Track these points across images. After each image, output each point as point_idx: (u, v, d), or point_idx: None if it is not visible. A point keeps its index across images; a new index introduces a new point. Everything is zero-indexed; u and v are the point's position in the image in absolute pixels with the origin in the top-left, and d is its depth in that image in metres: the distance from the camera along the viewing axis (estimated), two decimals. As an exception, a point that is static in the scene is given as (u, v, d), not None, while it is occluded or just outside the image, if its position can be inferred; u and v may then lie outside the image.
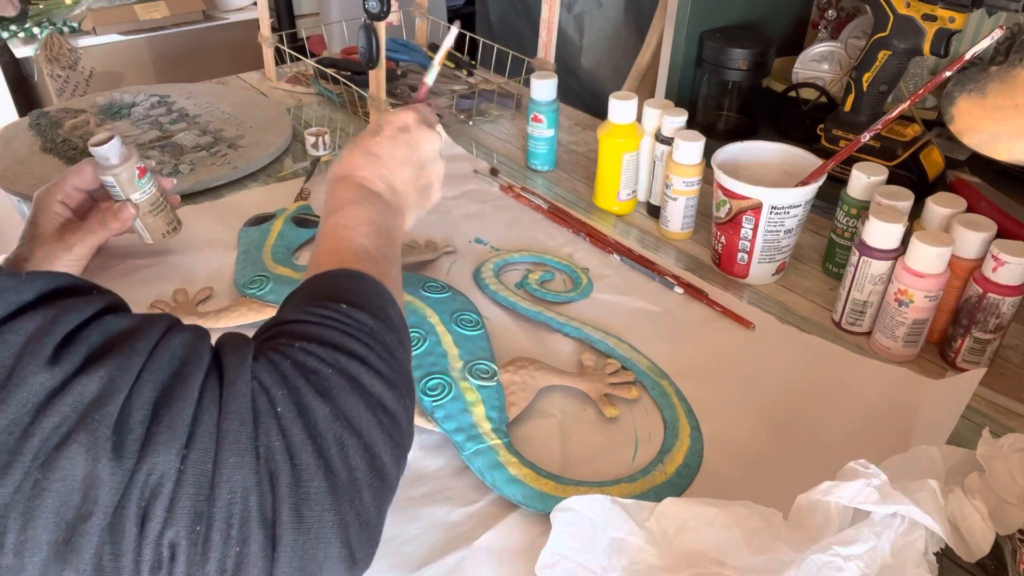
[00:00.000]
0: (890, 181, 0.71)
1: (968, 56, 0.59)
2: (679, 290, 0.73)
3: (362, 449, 0.36)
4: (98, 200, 0.70)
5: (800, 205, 0.71)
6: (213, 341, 0.38)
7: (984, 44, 0.58)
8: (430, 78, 0.67)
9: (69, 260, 0.65)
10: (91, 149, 0.64)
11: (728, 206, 0.73)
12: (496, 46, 1.16)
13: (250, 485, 0.32)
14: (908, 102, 0.64)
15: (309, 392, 0.36)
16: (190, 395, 0.33)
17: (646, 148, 0.85)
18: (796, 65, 1.17)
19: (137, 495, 0.30)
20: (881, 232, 0.63)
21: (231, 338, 0.38)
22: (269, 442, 0.33)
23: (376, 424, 0.37)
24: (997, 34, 0.58)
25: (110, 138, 0.65)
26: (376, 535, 0.36)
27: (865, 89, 0.93)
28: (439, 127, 0.62)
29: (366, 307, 0.41)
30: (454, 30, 0.63)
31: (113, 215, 0.67)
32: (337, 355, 0.38)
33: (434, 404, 0.58)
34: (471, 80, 1.15)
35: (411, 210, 0.58)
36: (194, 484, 0.31)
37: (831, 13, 1.27)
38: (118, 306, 0.36)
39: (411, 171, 0.57)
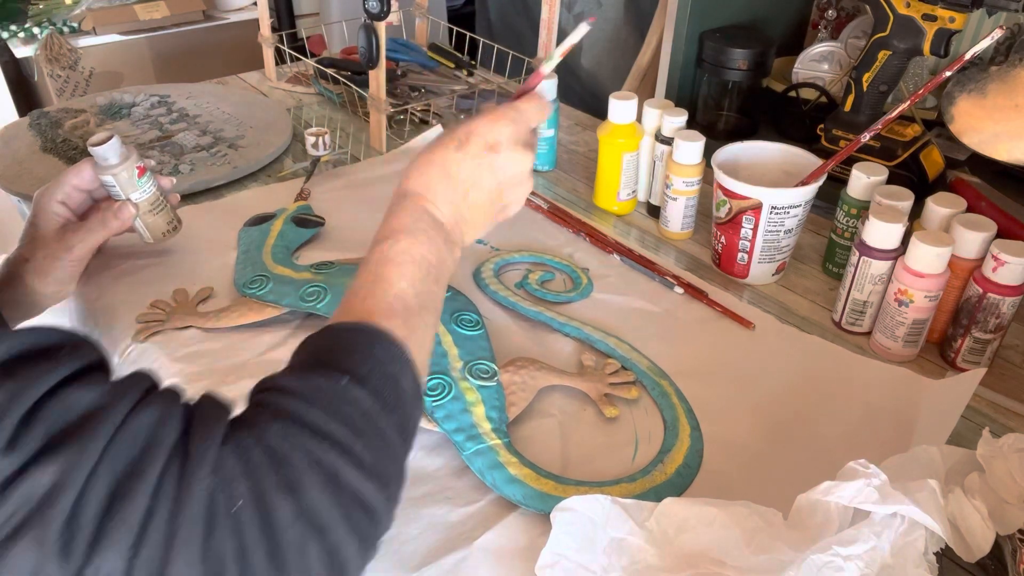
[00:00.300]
0: (890, 181, 0.71)
1: (968, 56, 0.59)
2: (679, 290, 0.73)
3: (324, 552, 0.34)
4: (98, 200, 0.70)
5: (800, 205, 0.71)
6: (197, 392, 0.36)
7: (984, 44, 0.58)
8: (547, 68, 0.59)
9: (70, 260, 0.65)
10: (90, 149, 0.64)
11: (728, 206, 0.73)
12: (496, 46, 1.16)
13: None
14: (908, 102, 0.64)
15: (273, 487, 0.33)
16: (145, 490, 0.31)
17: (646, 148, 0.85)
18: (796, 65, 1.17)
19: None
20: (881, 232, 0.63)
21: (207, 410, 0.36)
22: (221, 545, 0.32)
23: (344, 521, 0.35)
24: (997, 34, 0.58)
25: (109, 138, 0.65)
26: None
27: (865, 89, 0.93)
28: (535, 139, 0.54)
29: (371, 380, 0.39)
30: (584, 27, 0.55)
31: (113, 214, 0.67)
32: (317, 444, 0.35)
33: (434, 404, 0.58)
34: (471, 80, 1.15)
35: (470, 236, 0.52)
36: None
37: (831, 13, 1.27)
38: (88, 367, 0.34)
39: (488, 197, 0.50)
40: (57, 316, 0.73)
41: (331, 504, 0.34)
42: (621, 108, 0.82)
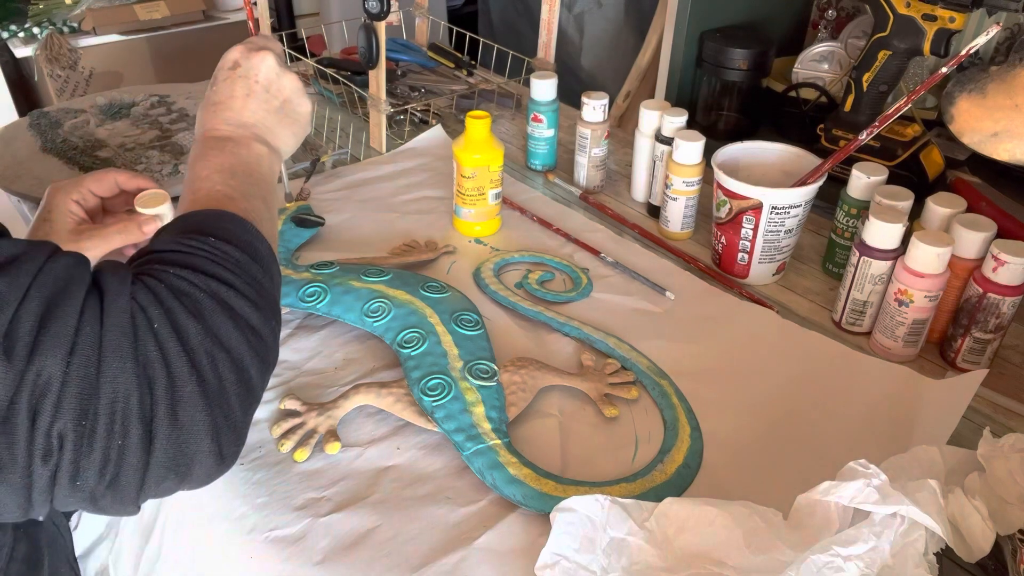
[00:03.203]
0: (890, 181, 0.70)
1: (964, 52, 0.59)
2: (671, 295, 0.73)
3: (231, 362, 0.40)
4: (108, 210, 0.70)
5: (800, 205, 0.71)
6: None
7: (981, 40, 0.58)
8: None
9: None
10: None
11: (728, 206, 0.73)
12: (496, 46, 1.16)
13: (131, 387, 0.36)
14: (906, 100, 0.64)
15: (182, 312, 0.39)
16: (73, 309, 0.36)
17: (646, 148, 0.85)
18: (796, 65, 1.17)
19: (28, 393, 0.34)
20: (881, 232, 0.63)
21: (110, 264, 0.41)
22: (147, 352, 0.37)
23: (244, 341, 0.41)
24: (994, 31, 0.58)
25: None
26: (242, 436, 0.41)
27: (865, 89, 0.93)
28: (272, 42, 0.61)
29: (232, 241, 0.45)
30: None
31: (138, 226, 0.67)
32: (208, 280, 0.41)
33: (434, 404, 0.58)
34: (471, 80, 1.15)
35: (277, 132, 0.58)
36: (79, 385, 0.35)
37: (831, 13, 1.27)
38: (4, 233, 0.40)
39: (257, 100, 0.57)
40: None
41: (231, 327, 0.41)
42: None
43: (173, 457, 0.38)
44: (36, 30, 1.91)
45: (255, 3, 1.20)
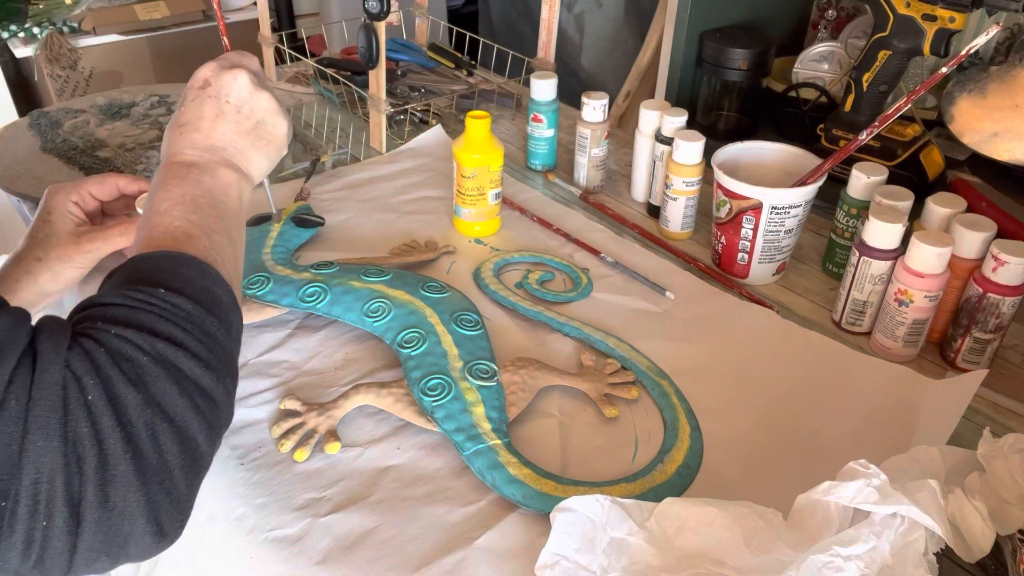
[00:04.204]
0: (890, 181, 0.70)
1: (964, 52, 0.59)
2: (671, 295, 0.73)
3: (174, 433, 0.38)
4: (108, 213, 0.70)
5: (800, 205, 0.71)
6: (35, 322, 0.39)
7: (981, 40, 0.58)
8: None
9: (81, 261, 0.65)
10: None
11: (728, 206, 0.73)
12: (496, 46, 1.16)
13: (57, 467, 0.34)
14: (906, 100, 0.64)
15: (121, 381, 0.37)
16: (0, 381, 0.34)
17: (646, 148, 0.85)
18: (796, 65, 1.17)
19: None
20: (881, 232, 0.63)
21: (49, 323, 0.39)
22: (77, 428, 0.35)
23: (191, 408, 0.39)
24: (994, 30, 0.58)
25: None
26: (187, 509, 0.39)
27: (865, 89, 0.93)
28: (247, 59, 0.57)
29: (185, 290, 0.42)
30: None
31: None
32: (153, 341, 0.39)
33: (434, 404, 0.58)
34: (471, 80, 1.15)
35: (249, 155, 0.55)
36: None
37: (831, 13, 1.27)
38: None
39: (228, 121, 0.54)
40: (54, 313, 0.73)
41: (176, 393, 0.38)
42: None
43: (104, 540, 0.36)
44: (36, 30, 1.91)
45: (255, 3, 1.20)
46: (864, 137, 0.68)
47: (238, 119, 0.55)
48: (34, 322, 0.39)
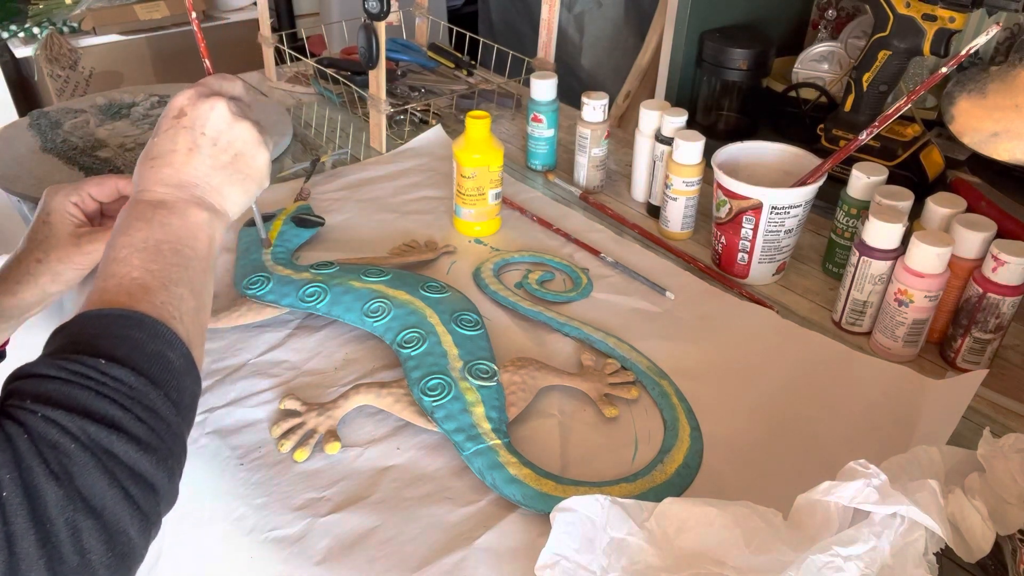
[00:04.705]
0: (890, 181, 0.70)
1: (964, 52, 0.59)
2: (671, 295, 0.73)
3: (99, 530, 0.34)
4: (107, 215, 0.70)
5: (800, 205, 0.71)
6: None
7: (981, 40, 0.58)
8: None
9: (81, 262, 0.65)
10: None
11: (728, 206, 0.73)
12: (496, 46, 1.16)
13: None
14: (906, 100, 0.64)
15: (42, 474, 0.34)
16: None
17: (646, 148, 0.85)
18: (796, 65, 1.17)
19: None
20: (881, 232, 0.63)
21: None
22: None
23: (121, 499, 0.35)
24: (994, 30, 0.58)
25: None
26: None
27: (865, 89, 0.93)
28: (229, 84, 0.55)
29: (130, 360, 0.39)
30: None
31: None
32: (84, 423, 0.36)
33: (434, 404, 0.58)
34: (471, 80, 1.15)
35: (224, 191, 0.52)
36: None
37: (831, 13, 1.27)
38: None
39: (202, 155, 0.51)
40: (54, 313, 0.73)
41: (106, 484, 0.35)
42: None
43: None
44: (36, 30, 1.91)
45: (255, 3, 1.20)
46: (864, 137, 0.68)
47: (213, 152, 0.52)
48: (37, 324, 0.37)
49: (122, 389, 0.38)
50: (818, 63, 1.16)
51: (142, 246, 0.46)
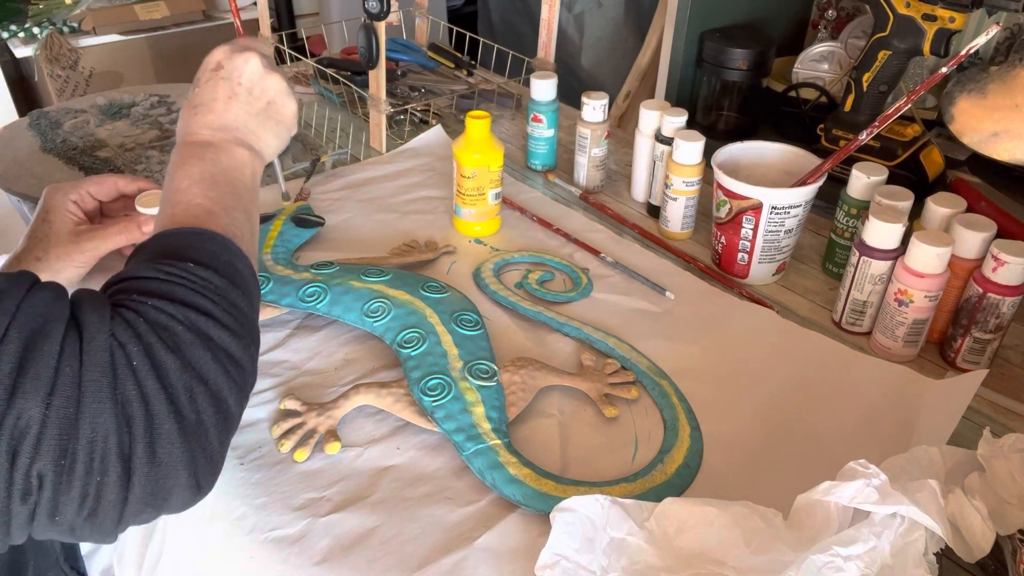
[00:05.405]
0: (890, 181, 0.70)
1: (964, 52, 0.59)
2: (671, 295, 0.73)
3: (209, 395, 0.40)
4: (106, 214, 0.70)
5: (800, 205, 0.71)
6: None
7: (981, 40, 0.58)
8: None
9: (81, 260, 0.65)
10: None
11: (728, 206, 0.73)
12: (496, 46, 1.16)
13: (110, 427, 0.37)
14: (906, 100, 0.64)
15: (161, 348, 0.39)
16: (52, 349, 0.37)
17: (646, 148, 0.85)
18: (796, 65, 1.17)
19: (7, 435, 0.35)
20: (881, 232, 0.63)
21: (88, 295, 0.41)
22: (126, 391, 0.38)
23: (222, 372, 0.41)
24: (994, 31, 0.58)
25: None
26: (219, 465, 0.42)
27: (865, 89, 0.93)
28: (259, 43, 0.60)
29: (211, 264, 0.44)
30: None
31: (138, 226, 0.67)
32: (187, 311, 0.41)
33: (434, 404, 0.58)
34: (471, 80, 1.15)
35: (261, 135, 0.57)
36: (58, 426, 0.36)
37: (831, 13, 1.27)
38: None
39: (240, 102, 0.56)
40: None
41: (209, 359, 0.41)
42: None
43: (151, 492, 0.38)
44: (36, 30, 1.91)
45: (255, 3, 1.20)
46: (864, 137, 0.68)
47: (250, 100, 0.57)
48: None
49: (210, 287, 0.43)
50: (818, 63, 1.16)
51: (199, 178, 0.51)
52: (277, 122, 0.59)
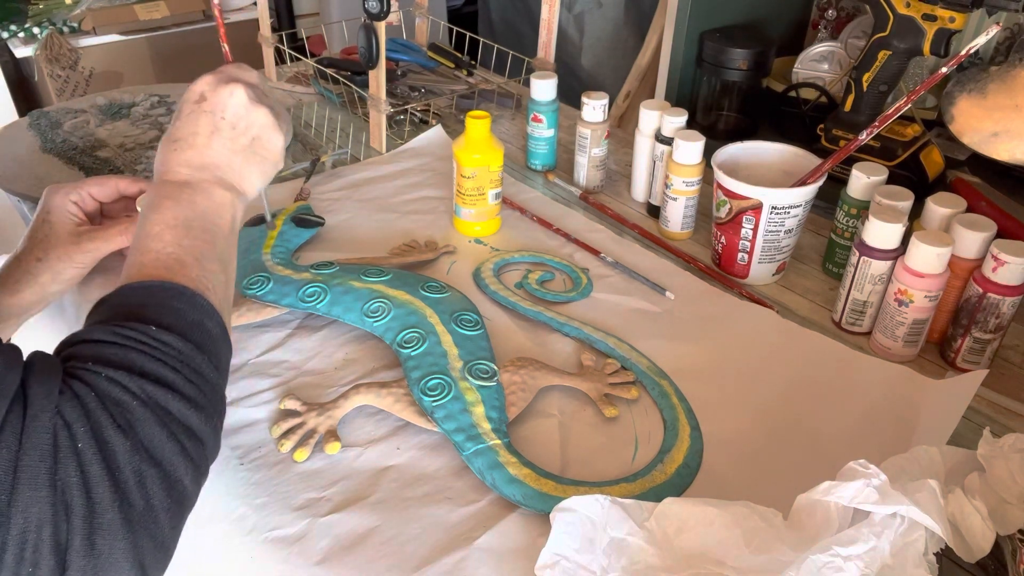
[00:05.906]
0: (890, 181, 0.70)
1: (964, 52, 0.59)
2: (671, 295, 0.73)
3: (161, 479, 0.38)
4: (107, 215, 0.70)
5: (800, 205, 0.71)
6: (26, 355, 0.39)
7: (981, 40, 0.58)
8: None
9: (82, 261, 0.65)
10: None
11: (728, 206, 0.73)
12: (496, 46, 1.16)
13: (45, 517, 0.34)
14: (906, 100, 0.64)
15: (111, 427, 0.37)
16: None
17: (646, 148, 0.85)
18: (796, 65, 1.17)
19: None
20: (881, 232, 0.63)
21: (39, 362, 0.38)
22: (66, 477, 0.35)
23: (178, 452, 0.39)
24: (994, 31, 0.58)
25: None
26: (170, 551, 0.39)
27: (865, 89, 0.93)
28: (245, 72, 0.57)
29: (175, 327, 0.42)
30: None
31: None
32: (143, 383, 0.39)
33: (434, 404, 0.58)
34: (471, 80, 1.15)
35: (244, 173, 0.54)
36: None
37: (831, 13, 1.27)
38: None
39: (223, 138, 0.53)
40: (54, 313, 0.73)
41: (165, 437, 0.39)
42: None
43: None
44: (36, 30, 1.91)
45: (255, 3, 1.20)
46: (864, 137, 0.68)
47: (233, 136, 0.54)
48: (24, 341, 0.39)
49: (172, 353, 0.41)
50: (818, 63, 1.16)
51: (173, 223, 0.48)
52: (263, 159, 0.56)
